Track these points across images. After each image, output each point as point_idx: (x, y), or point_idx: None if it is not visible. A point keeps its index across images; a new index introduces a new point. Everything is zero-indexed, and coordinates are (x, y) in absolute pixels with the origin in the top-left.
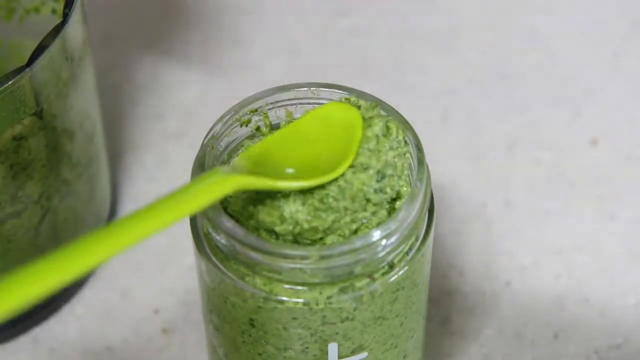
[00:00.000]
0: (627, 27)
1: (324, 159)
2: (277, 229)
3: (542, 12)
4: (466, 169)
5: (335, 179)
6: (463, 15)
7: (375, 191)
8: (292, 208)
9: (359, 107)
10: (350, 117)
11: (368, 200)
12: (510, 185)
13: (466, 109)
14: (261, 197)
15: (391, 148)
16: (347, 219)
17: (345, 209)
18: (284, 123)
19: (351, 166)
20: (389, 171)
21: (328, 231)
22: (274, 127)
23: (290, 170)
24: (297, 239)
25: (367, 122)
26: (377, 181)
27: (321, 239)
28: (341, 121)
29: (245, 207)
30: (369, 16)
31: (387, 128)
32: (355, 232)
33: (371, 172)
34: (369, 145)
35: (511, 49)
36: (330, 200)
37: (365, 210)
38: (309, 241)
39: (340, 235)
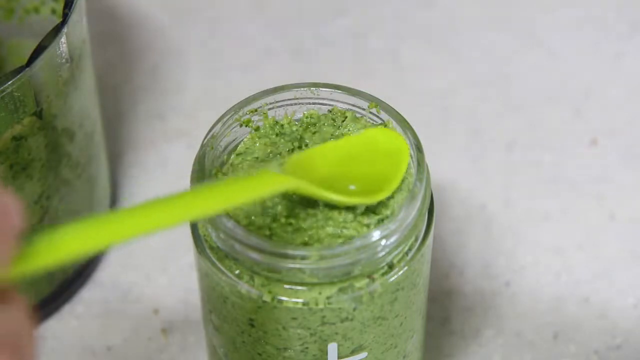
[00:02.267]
0: (627, 27)
1: (366, 179)
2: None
3: (542, 12)
4: (466, 169)
5: None
6: (463, 15)
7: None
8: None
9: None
10: (396, 144)
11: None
12: (510, 185)
13: (466, 109)
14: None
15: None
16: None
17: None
18: (330, 137)
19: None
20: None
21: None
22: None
23: (333, 183)
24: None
25: None
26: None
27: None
28: (386, 146)
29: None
30: (369, 16)
31: None
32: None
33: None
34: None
35: (511, 49)
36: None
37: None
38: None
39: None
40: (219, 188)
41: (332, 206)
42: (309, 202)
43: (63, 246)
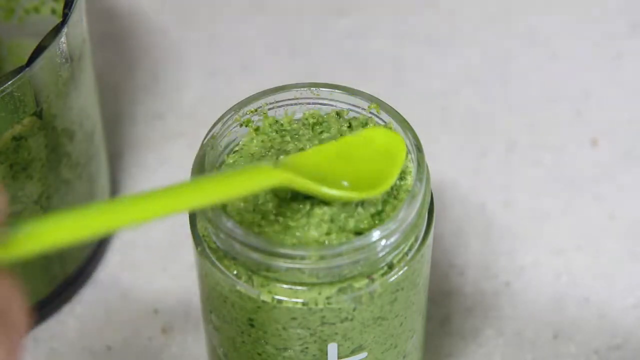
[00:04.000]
0: (627, 27)
1: (362, 176)
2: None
3: (542, 12)
4: (466, 169)
5: None
6: (463, 15)
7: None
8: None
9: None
10: (393, 143)
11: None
12: (510, 185)
13: (466, 109)
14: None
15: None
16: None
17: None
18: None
19: None
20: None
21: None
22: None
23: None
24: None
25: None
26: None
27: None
28: (383, 145)
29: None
30: (369, 16)
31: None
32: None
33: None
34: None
35: (511, 49)
36: None
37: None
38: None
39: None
40: (213, 180)
41: (322, 205)
42: (299, 202)
43: (49, 234)
